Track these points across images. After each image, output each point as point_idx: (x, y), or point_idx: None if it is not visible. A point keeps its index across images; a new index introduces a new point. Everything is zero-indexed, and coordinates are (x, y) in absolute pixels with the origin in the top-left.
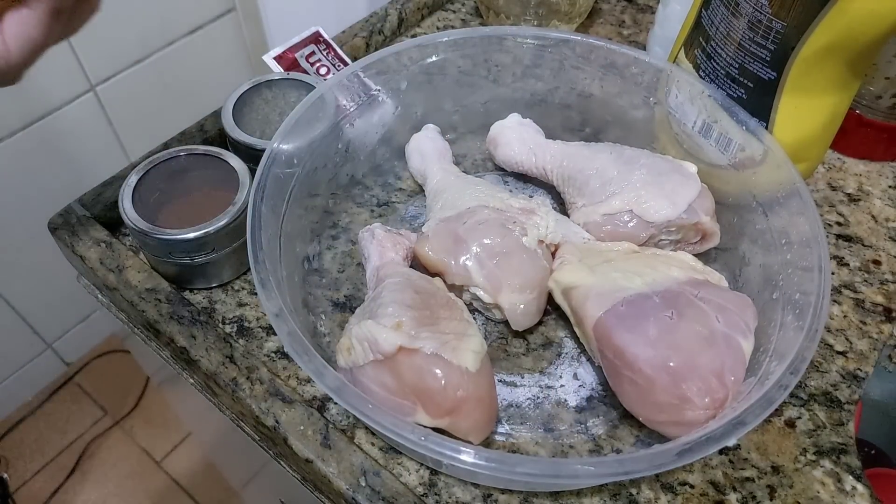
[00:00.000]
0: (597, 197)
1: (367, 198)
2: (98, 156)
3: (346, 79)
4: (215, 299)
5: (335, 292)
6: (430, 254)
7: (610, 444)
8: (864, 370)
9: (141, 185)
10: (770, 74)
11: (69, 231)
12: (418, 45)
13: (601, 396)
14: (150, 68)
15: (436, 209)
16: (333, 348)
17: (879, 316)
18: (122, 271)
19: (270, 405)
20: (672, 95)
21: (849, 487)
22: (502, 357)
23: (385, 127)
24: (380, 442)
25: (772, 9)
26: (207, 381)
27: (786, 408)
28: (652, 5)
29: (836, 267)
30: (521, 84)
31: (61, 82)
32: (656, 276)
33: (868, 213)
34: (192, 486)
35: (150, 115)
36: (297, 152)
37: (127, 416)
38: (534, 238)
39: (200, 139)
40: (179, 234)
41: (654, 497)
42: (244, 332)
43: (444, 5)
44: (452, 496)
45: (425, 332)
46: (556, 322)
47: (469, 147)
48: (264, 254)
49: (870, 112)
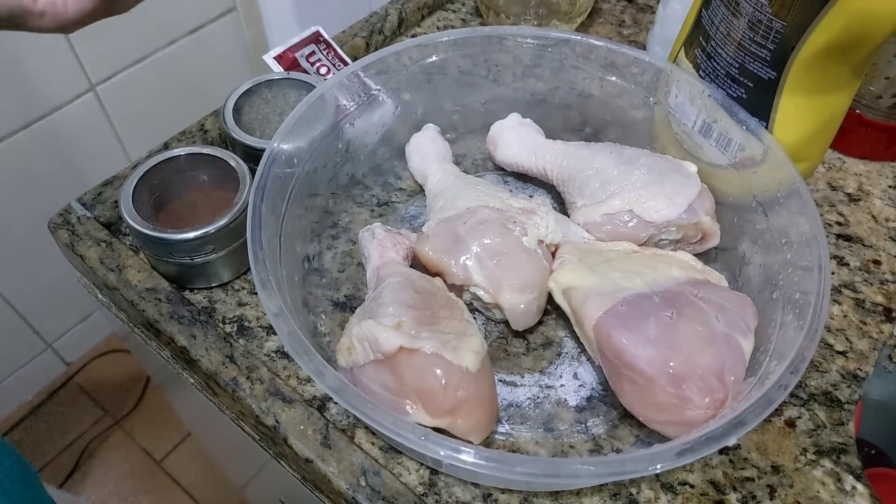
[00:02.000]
0: (597, 197)
1: (367, 197)
2: (98, 156)
3: (346, 78)
4: (215, 299)
5: (335, 292)
6: (430, 253)
7: (610, 444)
8: (864, 370)
9: (141, 185)
10: (770, 74)
11: (69, 231)
12: (418, 45)
13: (601, 396)
14: (150, 68)
15: (436, 209)
16: (333, 348)
17: (879, 316)
18: (122, 271)
19: (270, 405)
20: (672, 95)
21: (849, 487)
22: (502, 357)
23: (385, 127)
24: (380, 442)
25: (772, 8)
26: (207, 380)
27: (786, 408)
28: (652, 5)
29: (836, 267)
30: (521, 84)
31: (61, 82)
32: (656, 276)
33: (868, 212)
34: (192, 486)
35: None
36: (297, 152)
37: (127, 416)
38: (534, 238)
39: (200, 139)
40: (179, 234)
41: (654, 497)
42: (244, 331)
43: (444, 5)
44: (452, 496)
45: (426, 332)
46: (556, 322)
47: (469, 147)
48: (264, 254)
49: (870, 112)
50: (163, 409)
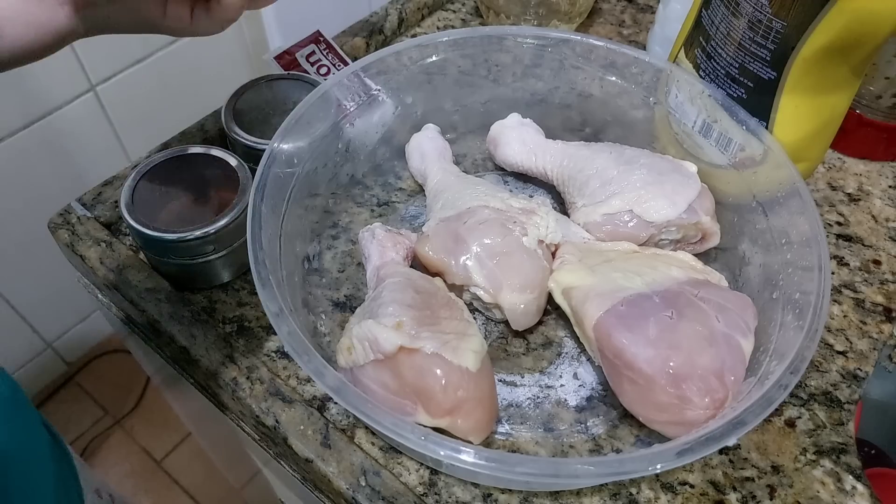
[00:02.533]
0: (597, 197)
1: (368, 197)
2: (98, 156)
3: (347, 78)
4: (215, 299)
5: (335, 292)
6: (430, 253)
7: (610, 444)
8: (864, 370)
9: (141, 185)
10: (770, 74)
11: (69, 231)
12: (418, 45)
13: (601, 396)
14: (150, 68)
15: (436, 209)
16: (333, 348)
17: (879, 316)
18: (122, 271)
19: (270, 405)
20: (672, 95)
21: (849, 487)
22: (502, 357)
23: (385, 127)
24: (380, 442)
25: (772, 8)
26: (207, 380)
27: (786, 407)
28: (652, 5)
29: (836, 267)
30: (521, 84)
31: (62, 82)
32: (656, 276)
33: (868, 212)
34: (192, 486)
35: (150, 115)
36: (297, 152)
37: (127, 416)
38: (534, 238)
39: (200, 139)
40: (179, 234)
41: (654, 497)
42: (244, 331)
43: (444, 5)
44: (452, 496)
45: (426, 332)
46: (556, 322)
47: (469, 147)
48: (264, 254)
49: (870, 112)
50: (163, 409)
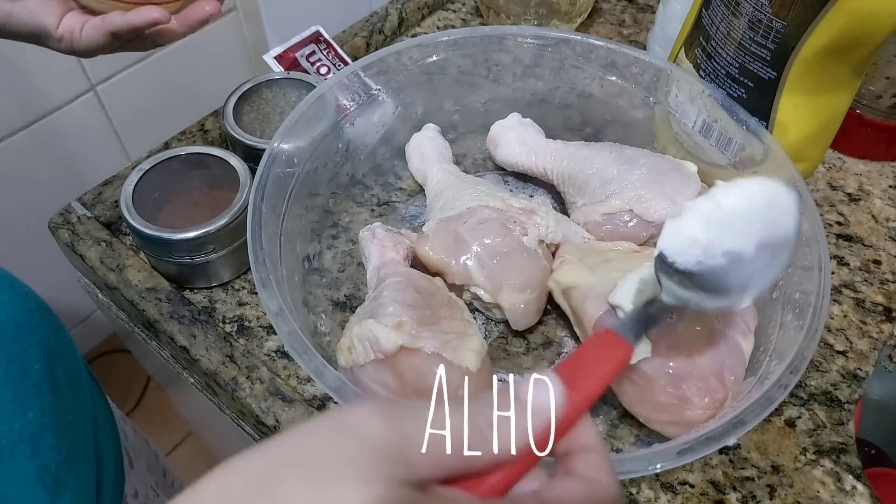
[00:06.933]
0: (597, 196)
1: (368, 197)
2: (98, 156)
3: (347, 78)
4: (215, 299)
5: (335, 292)
6: (430, 253)
7: (610, 444)
8: (864, 370)
9: (141, 185)
10: (770, 74)
11: (69, 231)
12: (418, 45)
13: (601, 396)
14: (150, 68)
15: (436, 209)
16: (334, 348)
17: (879, 316)
18: (122, 271)
19: (270, 404)
20: (672, 95)
21: (849, 487)
22: (502, 356)
23: (385, 126)
24: None
25: (772, 8)
26: (208, 380)
27: (786, 407)
28: (652, 5)
29: (836, 266)
30: (522, 84)
31: (61, 82)
32: None
33: (868, 212)
34: None
35: (150, 115)
36: (297, 152)
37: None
38: (534, 238)
39: (201, 139)
40: (179, 234)
41: (654, 496)
42: (244, 331)
43: (444, 5)
44: None
45: (426, 332)
46: (556, 322)
47: (469, 147)
48: (264, 253)
49: (870, 112)
50: (163, 409)
